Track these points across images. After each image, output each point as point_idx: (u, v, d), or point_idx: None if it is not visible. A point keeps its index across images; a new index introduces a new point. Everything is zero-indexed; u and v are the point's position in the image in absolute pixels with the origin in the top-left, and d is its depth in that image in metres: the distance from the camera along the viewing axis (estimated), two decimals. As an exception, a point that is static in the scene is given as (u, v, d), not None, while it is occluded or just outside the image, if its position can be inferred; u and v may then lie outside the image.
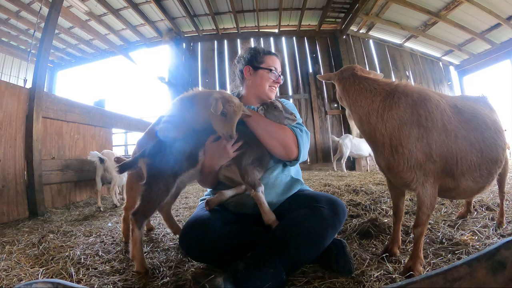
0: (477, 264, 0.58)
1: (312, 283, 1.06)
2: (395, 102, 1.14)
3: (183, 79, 7.20)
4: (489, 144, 1.18)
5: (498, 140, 1.21)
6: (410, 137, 1.09)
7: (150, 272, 1.24)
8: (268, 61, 1.54)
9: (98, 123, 4.12)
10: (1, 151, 2.61)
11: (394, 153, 1.11)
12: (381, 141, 1.15)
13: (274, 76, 1.53)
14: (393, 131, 1.11)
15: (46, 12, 3.33)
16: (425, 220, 1.13)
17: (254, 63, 1.54)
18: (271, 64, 1.54)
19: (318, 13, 6.82)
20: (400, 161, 1.10)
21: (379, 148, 1.17)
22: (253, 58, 1.55)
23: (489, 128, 1.20)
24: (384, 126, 1.13)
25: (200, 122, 1.30)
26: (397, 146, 1.10)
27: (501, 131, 1.26)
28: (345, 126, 6.93)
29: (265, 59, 1.55)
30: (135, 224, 1.24)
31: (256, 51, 1.56)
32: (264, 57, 1.55)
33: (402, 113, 1.12)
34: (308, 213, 1.15)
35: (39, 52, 3.10)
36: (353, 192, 2.64)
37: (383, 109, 1.15)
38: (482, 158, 1.16)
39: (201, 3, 6.23)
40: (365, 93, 1.22)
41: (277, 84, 1.56)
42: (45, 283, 0.62)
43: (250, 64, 1.55)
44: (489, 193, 2.31)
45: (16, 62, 7.60)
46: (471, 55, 7.01)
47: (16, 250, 1.59)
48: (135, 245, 1.24)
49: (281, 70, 1.63)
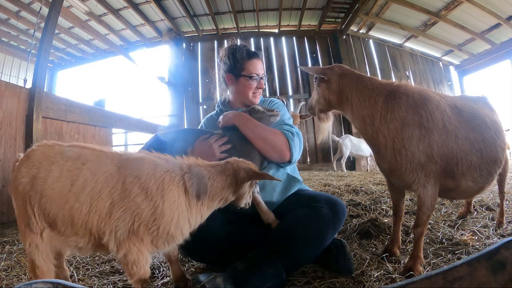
0: (477, 264, 0.58)
1: (312, 283, 1.06)
2: (397, 103, 1.13)
3: (183, 79, 7.20)
4: (489, 144, 1.17)
5: (498, 140, 1.20)
6: (412, 138, 1.08)
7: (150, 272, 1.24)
8: (249, 68, 1.48)
9: (98, 123, 4.12)
10: (1, 151, 2.61)
11: (397, 156, 1.10)
12: (383, 143, 1.13)
13: (256, 82, 1.49)
14: (396, 133, 1.10)
15: (46, 12, 3.33)
16: (425, 220, 1.13)
17: (234, 71, 1.50)
18: (252, 70, 1.48)
19: (318, 13, 6.82)
20: (403, 163, 1.09)
21: (381, 150, 1.15)
22: (233, 65, 1.50)
23: (488, 128, 1.20)
24: (387, 128, 1.11)
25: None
26: (400, 149, 1.09)
27: (501, 131, 1.26)
28: (345, 126, 6.93)
29: (245, 65, 1.49)
30: None
31: (235, 59, 1.50)
32: (244, 63, 1.49)
33: (404, 114, 1.11)
34: (308, 213, 1.15)
35: (39, 52, 3.10)
36: (353, 192, 2.64)
37: (386, 110, 1.13)
38: (482, 158, 1.15)
39: (201, 3, 6.22)
40: (367, 92, 1.19)
41: (259, 89, 1.52)
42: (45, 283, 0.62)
43: (231, 72, 1.51)
44: (489, 193, 2.31)
45: (16, 62, 7.59)
46: (471, 55, 7.00)
47: (16, 250, 1.59)
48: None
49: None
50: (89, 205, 0.83)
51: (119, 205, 0.82)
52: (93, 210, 0.82)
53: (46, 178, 0.85)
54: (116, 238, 0.83)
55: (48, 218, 0.85)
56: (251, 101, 1.50)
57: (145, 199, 0.83)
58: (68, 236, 0.86)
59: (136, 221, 0.82)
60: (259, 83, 1.51)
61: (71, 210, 0.83)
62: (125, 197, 0.83)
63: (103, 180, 0.84)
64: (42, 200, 0.85)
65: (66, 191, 0.83)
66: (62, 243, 0.88)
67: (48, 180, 0.85)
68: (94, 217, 0.82)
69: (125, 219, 0.82)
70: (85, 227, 0.83)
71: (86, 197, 0.83)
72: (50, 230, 0.87)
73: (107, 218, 0.82)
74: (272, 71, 7.16)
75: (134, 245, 0.83)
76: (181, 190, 0.86)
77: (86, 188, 0.83)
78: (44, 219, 0.86)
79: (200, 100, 7.18)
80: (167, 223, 0.83)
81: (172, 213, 0.84)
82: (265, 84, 1.58)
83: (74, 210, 0.83)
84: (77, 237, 0.85)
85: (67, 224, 0.84)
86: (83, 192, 0.83)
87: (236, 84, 1.51)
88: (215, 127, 1.45)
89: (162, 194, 0.84)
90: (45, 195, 0.84)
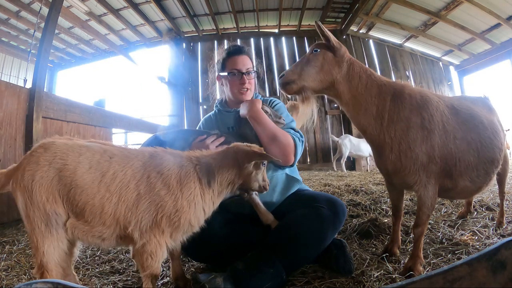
0: (477, 264, 0.58)
1: (312, 283, 1.06)
2: (402, 103, 1.12)
3: (183, 79, 7.20)
4: (486, 145, 1.18)
5: (494, 140, 1.21)
6: (416, 140, 1.08)
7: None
8: (229, 65, 1.48)
9: (98, 123, 4.12)
10: (1, 151, 2.61)
11: (402, 157, 1.09)
12: (389, 144, 1.11)
13: (237, 78, 1.46)
14: (403, 134, 1.09)
15: (46, 12, 3.33)
16: (426, 220, 1.13)
17: (221, 71, 1.53)
18: (231, 66, 1.47)
19: (318, 13, 6.81)
20: (407, 164, 1.09)
21: (385, 151, 1.13)
22: (219, 66, 1.53)
23: (485, 128, 1.20)
24: (394, 129, 1.10)
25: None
26: (405, 150, 1.08)
27: (498, 131, 1.27)
28: (345, 126, 6.93)
29: (226, 63, 1.49)
30: None
31: (220, 59, 1.53)
32: (225, 62, 1.50)
33: (408, 115, 1.11)
34: (308, 213, 1.15)
35: (39, 52, 3.10)
36: (353, 192, 2.64)
37: (393, 110, 1.11)
38: (479, 158, 1.16)
39: (201, 3, 6.22)
40: (376, 87, 1.13)
41: (242, 85, 1.46)
42: (45, 283, 0.62)
43: (219, 73, 1.55)
44: (489, 193, 2.31)
45: (16, 62, 7.59)
46: (471, 55, 7.00)
47: (16, 250, 1.59)
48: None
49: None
50: (118, 195, 0.88)
51: (145, 197, 0.89)
52: (122, 200, 0.88)
53: (76, 169, 0.88)
54: (140, 228, 0.88)
55: (76, 208, 0.88)
56: (239, 99, 1.49)
57: (168, 193, 0.90)
58: (94, 226, 0.89)
59: (159, 213, 0.88)
60: (241, 79, 1.46)
61: (101, 199, 0.87)
62: (150, 190, 0.90)
63: (131, 173, 0.91)
64: (72, 191, 0.87)
65: (98, 182, 0.88)
66: (86, 233, 0.90)
67: (77, 171, 0.88)
68: (122, 206, 0.88)
69: (150, 211, 0.89)
70: (114, 216, 0.88)
71: (116, 188, 0.88)
72: (76, 220, 0.89)
73: (134, 208, 0.88)
74: (272, 71, 7.15)
75: (154, 237, 0.88)
76: (195, 181, 0.94)
77: (116, 180, 0.89)
78: (72, 210, 0.88)
79: (200, 100, 7.18)
80: (186, 213, 0.91)
81: (190, 204, 0.91)
82: (255, 79, 1.54)
83: (104, 199, 0.87)
84: (104, 227, 0.89)
85: (95, 214, 0.87)
86: (113, 183, 0.89)
87: (225, 83, 1.53)
88: (213, 127, 1.45)
89: (181, 188, 0.92)
90: (74, 186, 0.87)
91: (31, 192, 0.86)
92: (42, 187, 0.87)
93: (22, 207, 0.89)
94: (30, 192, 0.86)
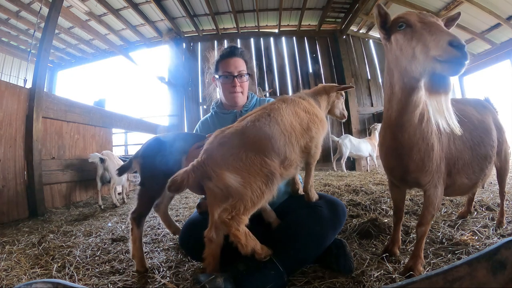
0: (477, 264, 0.58)
1: (312, 283, 1.06)
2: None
3: (183, 79, 7.20)
4: (477, 143, 1.28)
5: (485, 138, 1.32)
6: (435, 141, 1.11)
7: (150, 272, 1.24)
8: (221, 67, 1.50)
9: (98, 123, 4.12)
10: (1, 151, 2.61)
11: (426, 157, 1.09)
12: (418, 144, 1.08)
13: (229, 81, 1.47)
14: (429, 135, 1.09)
15: (46, 12, 3.34)
16: (430, 219, 1.15)
17: (214, 74, 1.56)
18: (224, 69, 1.48)
19: (318, 13, 6.81)
20: (428, 165, 1.10)
21: (413, 151, 1.08)
22: (214, 68, 1.56)
23: (476, 128, 1.31)
24: (428, 129, 1.09)
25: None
26: (429, 151, 1.10)
27: (489, 130, 1.36)
28: (345, 126, 6.93)
29: (219, 66, 1.51)
30: (134, 223, 1.27)
31: (214, 62, 1.55)
32: (218, 64, 1.52)
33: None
34: (308, 213, 1.15)
35: (39, 52, 3.10)
36: (353, 192, 2.64)
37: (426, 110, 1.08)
38: (473, 155, 1.24)
39: (201, 3, 6.22)
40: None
41: (234, 88, 1.48)
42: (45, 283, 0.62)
43: (213, 75, 1.58)
44: (489, 193, 2.31)
45: (16, 62, 7.59)
46: (471, 55, 6.98)
47: (16, 250, 1.59)
48: (135, 244, 1.26)
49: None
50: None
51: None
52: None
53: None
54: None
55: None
56: (231, 102, 1.51)
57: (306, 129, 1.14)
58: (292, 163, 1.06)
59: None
60: (233, 82, 1.47)
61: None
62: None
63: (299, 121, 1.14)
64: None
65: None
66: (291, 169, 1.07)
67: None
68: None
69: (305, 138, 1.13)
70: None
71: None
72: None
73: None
74: (272, 71, 7.15)
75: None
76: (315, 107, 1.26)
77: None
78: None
79: (200, 100, 7.18)
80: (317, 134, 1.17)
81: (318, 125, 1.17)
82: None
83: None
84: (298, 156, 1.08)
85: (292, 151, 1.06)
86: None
87: (219, 85, 1.55)
88: (210, 130, 1.44)
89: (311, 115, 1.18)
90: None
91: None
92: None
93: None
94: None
